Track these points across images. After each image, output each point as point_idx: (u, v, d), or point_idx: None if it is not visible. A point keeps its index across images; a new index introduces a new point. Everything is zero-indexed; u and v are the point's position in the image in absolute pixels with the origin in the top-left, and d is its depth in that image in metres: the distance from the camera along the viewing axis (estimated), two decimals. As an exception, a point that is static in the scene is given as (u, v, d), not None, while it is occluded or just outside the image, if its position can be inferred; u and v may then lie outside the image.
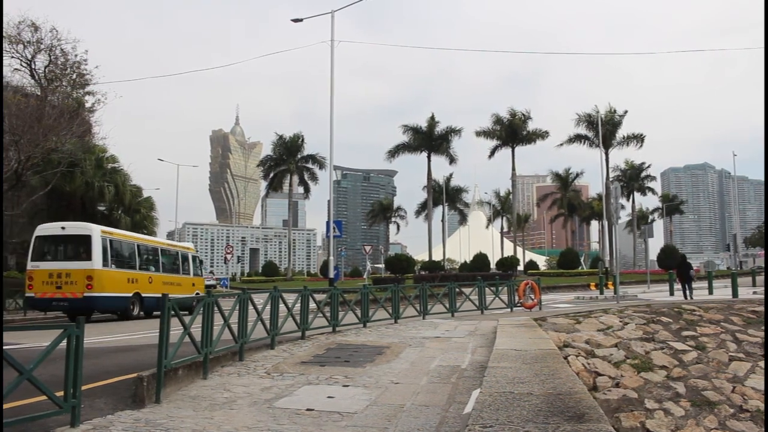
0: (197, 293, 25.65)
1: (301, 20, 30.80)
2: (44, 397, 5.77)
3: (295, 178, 78.68)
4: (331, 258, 29.96)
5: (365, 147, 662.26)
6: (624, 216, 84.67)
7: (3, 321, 4.58)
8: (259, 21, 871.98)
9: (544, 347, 9.63)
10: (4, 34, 37.55)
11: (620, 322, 14.05)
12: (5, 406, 5.55)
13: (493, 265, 67.95)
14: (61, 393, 5.85)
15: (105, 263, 21.34)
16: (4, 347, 5.28)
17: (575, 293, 37.49)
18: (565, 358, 10.08)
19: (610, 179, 64.53)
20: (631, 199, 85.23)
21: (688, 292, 25.19)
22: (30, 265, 21.52)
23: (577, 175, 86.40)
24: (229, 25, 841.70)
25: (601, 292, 33.93)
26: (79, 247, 21.63)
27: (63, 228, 22.23)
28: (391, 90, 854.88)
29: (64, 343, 5.94)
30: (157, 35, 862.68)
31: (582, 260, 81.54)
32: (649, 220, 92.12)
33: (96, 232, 21.68)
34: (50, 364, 5.92)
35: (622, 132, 68.12)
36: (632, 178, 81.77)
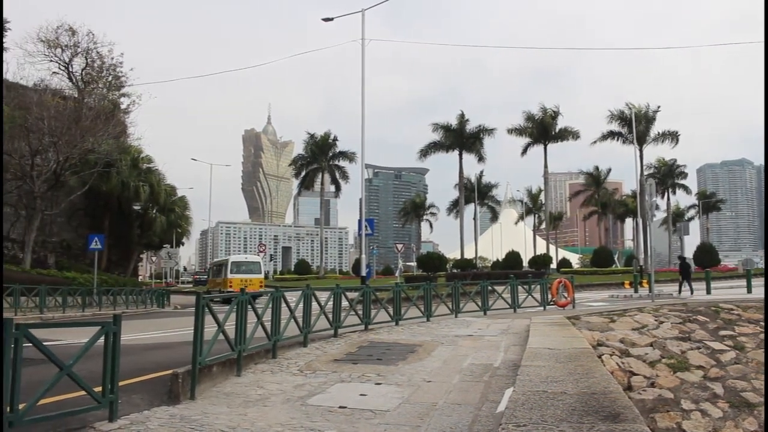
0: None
1: (331, 19, 30.90)
2: (83, 393, 5.89)
3: (327, 177, 79.02)
4: (363, 256, 30.01)
5: (396, 144, 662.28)
6: (659, 213, 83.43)
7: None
8: (288, 20, 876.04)
9: (578, 346, 9.54)
10: (43, 39, 38.39)
11: (655, 321, 13.84)
12: (47, 401, 5.68)
13: (525, 263, 67.47)
14: (99, 388, 5.97)
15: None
16: (45, 344, 5.41)
17: (609, 291, 37.01)
18: (599, 357, 9.97)
19: (645, 176, 63.58)
20: (666, 197, 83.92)
21: (689, 287, 29.02)
22: (230, 275, 37.62)
23: (608, 172, 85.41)
24: (258, 24, 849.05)
25: (636, 291, 33.48)
26: (253, 266, 39.87)
27: (246, 257, 44.25)
28: (420, 85, 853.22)
29: (101, 340, 6.05)
30: (187, 35, 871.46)
31: (616, 258, 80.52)
32: (686, 218, 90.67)
33: (260, 259, 44.77)
34: (89, 361, 6.03)
35: (656, 128, 67.16)
36: (667, 175, 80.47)
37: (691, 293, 28.16)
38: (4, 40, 28.08)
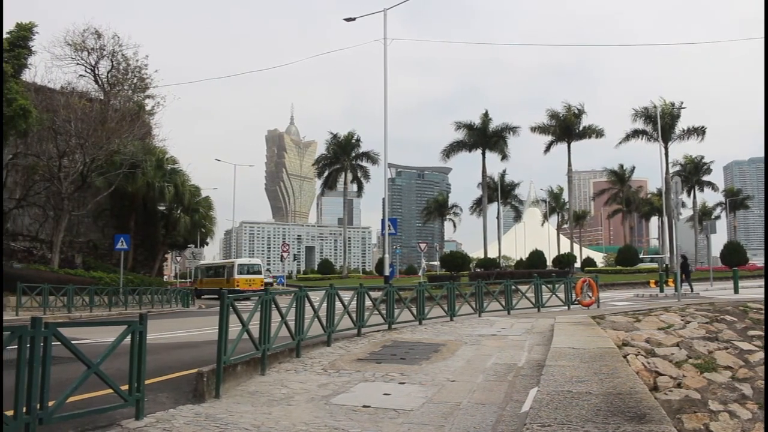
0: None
1: (353, 19, 30.93)
2: (110, 391, 5.97)
3: (350, 176, 79.12)
4: (387, 255, 30.02)
5: (418, 143, 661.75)
6: (685, 211, 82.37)
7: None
8: (308, 20, 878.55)
9: (603, 345, 9.45)
10: (70, 42, 38.93)
11: (682, 320, 13.67)
12: (75, 398, 5.77)
13: (549, 263, 67.02)
14: (126, 387, 6.05)
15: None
16: (73, 342, 5.49)
17: (634, 291, 36.67)
18: (625, 356, 9.87)
19: (670, 174, 62.79)
20: (692, 194, 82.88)
21: (689, 286, 29.88)
22: (237, 276, 46.33)
23: (632, 170, 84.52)
24: (278, 25, 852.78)
25: (662, 290, 33.11)
26: (256, 267, 49.50)
27: (250, 260, 56.28)
28: (440, 83, 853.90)
29: (128, 339, 6.13)
30: (206, 35, 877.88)
31: (641, 257, 79.65)
32: (713, 216, 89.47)
33: (260, 261, 56.38)
34: (115, 359, 6.11)
35: (681, 125, 66.19)
36: (693, 173, 79.42)
37: (691, 290, 29.21)
38: (31, 45, 28.47)
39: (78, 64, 40.19)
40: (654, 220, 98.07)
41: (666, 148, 64.88)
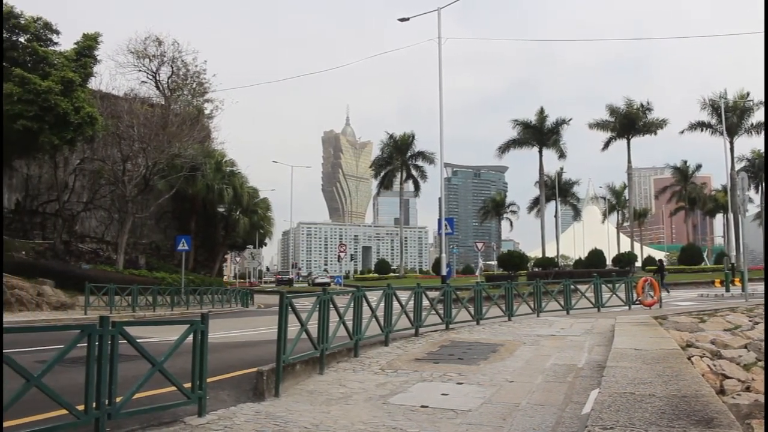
0: None
1: (407, 19, 30.97)
2: (173, 388, 6.12)
3: (405, 176, 79.16)
4: (443, 255, 29.94)
5: (473, 142, 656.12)
6: (752, 208, 79.51)
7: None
8: (360, 21, 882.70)
9: (666, 347, 9.23)
10: (132, 50, 40.13)
11: (749, 321, 13.24)
12: (140, 395, 5.92)
13: (609, 262, 65.72)
14: (188, 384, 6.18)
15: None
16: (138, 341, 5.64)
17: (698, 290, 35.63)
18: (689, 358, 9.59)
19: (736, 169, 60.64)
20: (760, 191, 79.92)
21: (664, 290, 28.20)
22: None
23: (698, 167, 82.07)
24: (329, 26, 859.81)
25: (727, 290, 32.07)
26: None
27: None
28: (493, 80, 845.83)
29: (190, 338, 6.27)
30: (259, 37, 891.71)
31: (705, 256, 77.28)
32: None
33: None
34: (178, 358, 6.24)
35: (752, 119, 63.59)
36: (761, 168, 76.56)
37: (668, 292, 29.07)
38: (97, 54, 29.44)
39: (140, 70, 41.45)
40: (719, 218, 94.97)
41: (731, 142, 62.69)
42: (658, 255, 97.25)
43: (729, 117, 57.69)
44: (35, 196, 35.99)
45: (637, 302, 21.06)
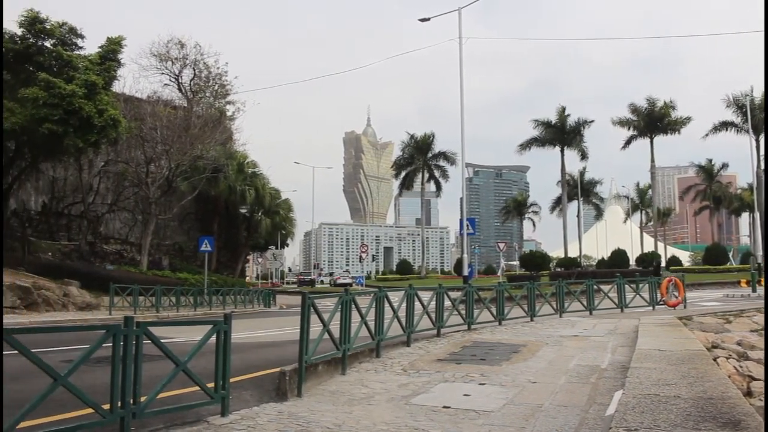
0: None
1: (428, 19, 30.96)
2: (196, 388, 6.17)
3: (427, 177, 79.09)
4: (465, 256, 29.89)
5: (494, 141, 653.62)
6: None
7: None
8: (379, 21, 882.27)
9: (691, 348, 9.12)
10: (155, 53, 40.54)
11: (777, 321, 13.03)
12: (164, 395, 5.98)
13: (632, 262, 65.12)
14: (212, 384, 6.23)
15: None
16: (162, 341, 5.70)
17: (723, 291, 35.15)
18: (715, 359, 9.48)
19: (762, 168, 59.74)
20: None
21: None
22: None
23: (723, 166, 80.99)
24: (350, 26, 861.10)
25: (754, 290, 31.63)
26: None
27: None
28: (514, 79, 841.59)
29: (213, 338, 6.31)
30: (278, 38, 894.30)
31: (730, 255, 76.25)
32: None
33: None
34: (201, 358, 6.29)
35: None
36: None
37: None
38: (120, 57, 29.74)
39: (163, 73, 41.82)
40: (745, 217, 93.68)
41: (757, 140, 61.80)
42: (683, 255, 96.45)
43: (756, 115, 56.81)
44: (61, 198, 36.46)
45: (661, 303, 20.86)
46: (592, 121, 68.13)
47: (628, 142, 68.05)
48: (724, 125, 63.05)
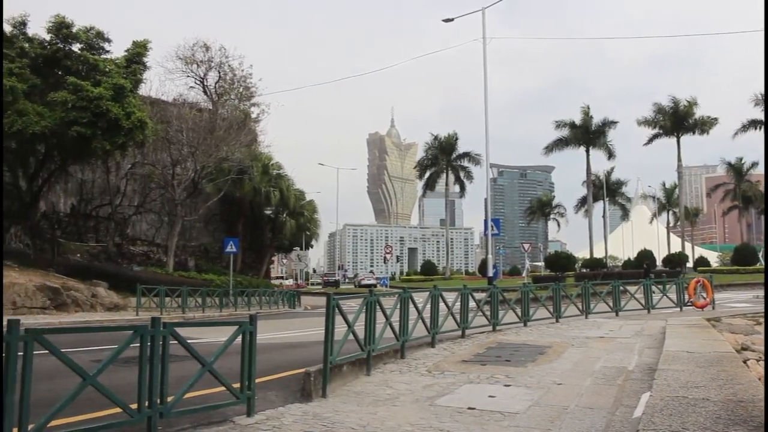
0: None
1: (452, 20, 30.85)
2: (222, 388, 6.22)
3: (451, 177, 78.86)
4: (490, 256, 29.75)
5: (519, 141, 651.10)
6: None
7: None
8: (402, 21, 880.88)
9: (720, 349, 8.99)
10: (180, 56, 40.95)
11: (809, 323, 12.79)
12: (190, 395, 6.03)
13: (659, 262, 64.36)
14: (237, 385, 6.28)
15: None
16: (188, 341, 5.75)
17: (753, 292, 34.56)
18: (744, 362, 9.34)
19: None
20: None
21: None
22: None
23: (753, 165, 79.67)
24: (369, 26, 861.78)
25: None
26: None
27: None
28: (538, 78, 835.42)
29: (239, 339, 6.36)
30: (301, 40, 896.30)
31: (760, 256, 74.99)
32: None
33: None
34: (226, 358, 6.34)
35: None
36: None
37: None
38: (146, 61, 30.12)
39: (188, 76, 42.20)
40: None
41: (786, 139, 60.72)
42: (711, 255, 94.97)
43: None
44: (89, 201, 36.92)
45: (688, 304, 20.61)
46: (617, 122, 67.66)
47: (650, 141, 67.47)
48: (753, 124, 62.09)
